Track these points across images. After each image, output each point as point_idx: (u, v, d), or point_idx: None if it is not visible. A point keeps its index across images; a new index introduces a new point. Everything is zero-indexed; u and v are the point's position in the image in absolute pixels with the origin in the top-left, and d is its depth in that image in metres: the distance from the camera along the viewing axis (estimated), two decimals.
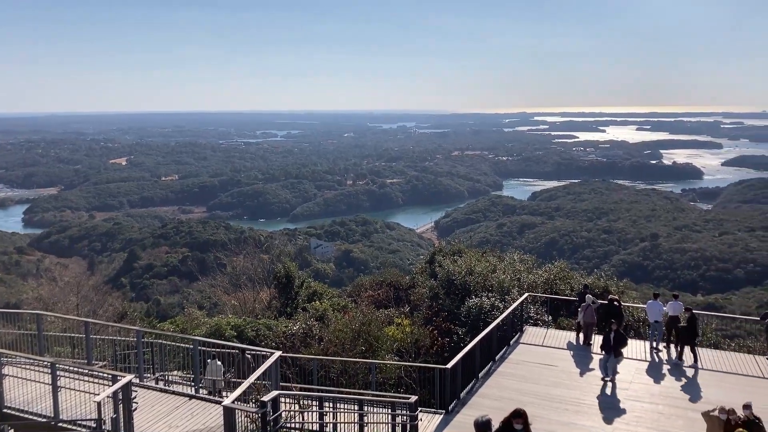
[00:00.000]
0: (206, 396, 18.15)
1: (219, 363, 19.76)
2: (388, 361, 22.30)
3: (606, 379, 19.62)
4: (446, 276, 30.04)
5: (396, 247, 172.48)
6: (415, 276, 35.21)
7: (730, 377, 20.52)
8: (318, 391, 19.06)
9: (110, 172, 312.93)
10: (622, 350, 19.68)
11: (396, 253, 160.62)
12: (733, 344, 27.26)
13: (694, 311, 22.13)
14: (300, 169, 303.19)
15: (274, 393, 14.47)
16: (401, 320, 26.45)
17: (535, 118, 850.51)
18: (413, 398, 15.35)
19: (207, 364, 19.76)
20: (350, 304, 31.29)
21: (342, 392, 18.74)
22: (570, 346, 23.24)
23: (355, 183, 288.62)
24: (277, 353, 17.34)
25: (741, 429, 12.01)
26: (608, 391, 19.19)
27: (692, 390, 19.29)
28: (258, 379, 15.79)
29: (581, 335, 23.44)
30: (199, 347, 19.07)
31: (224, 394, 18.79)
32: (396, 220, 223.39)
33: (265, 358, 17.08)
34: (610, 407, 17.92)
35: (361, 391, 19.66)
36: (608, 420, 17.08)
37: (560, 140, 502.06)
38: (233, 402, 14.42)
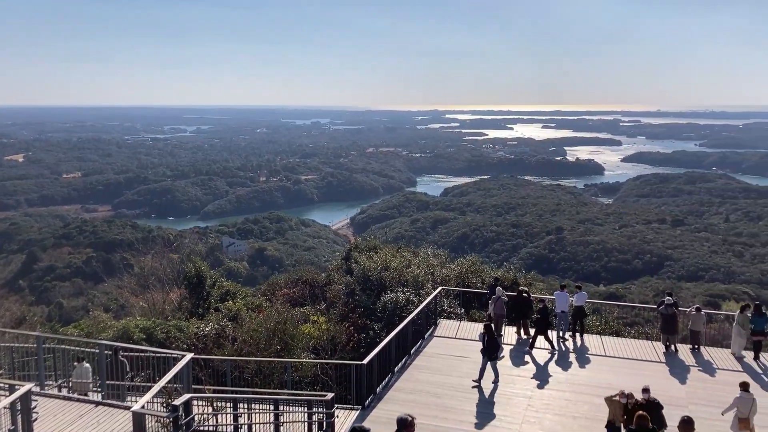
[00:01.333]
0: (115, 402, 17.42)
1: (87, 365, 18.92)
2: (304, 360, 22.15)
3: (475, 382, 19.17)
4: (362, 272, 30.17)
5: (311, 244, 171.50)
6: (330, 273, 35.15)
7: (630, 363, 21.68)
8: (232, 392, 18.69)
9: (5, 170, 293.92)
10: (498, 354, 19.55)
11: (311, 251, 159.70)
12: (633, 331, 28.79)
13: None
14: (211, 166, 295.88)
15: (186, 396, 14.06)
16: (317, 318, 26.33)
17: (447, 115, 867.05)
18: (330, 395, 15.32)
19: (74, 367, 18.90)
20: (265, 303, 30.82)
21: (257, 392, 18.45)
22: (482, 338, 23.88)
23: (268, 179, 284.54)
24: (189, 355, 16.87)
25: (640, 411, 12.71)
26: (518, 381, 19.85)
27: (596, 376, 20.24)
28: (169, 382, 15.30)
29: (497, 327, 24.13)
30: (105, 351, 18.25)
31: (91, 396, 18.15)
32: (311, 216, 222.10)
33: (176, 360, 16.58)
34: (520, 396, 18.54)
35: (277, 390, 19.44)
36: (519, 408, 17.68)
37: (471, 137, 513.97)
38: (143, 407, 13.93)
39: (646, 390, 14.80)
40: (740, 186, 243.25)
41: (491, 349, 19.30)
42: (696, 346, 22.83)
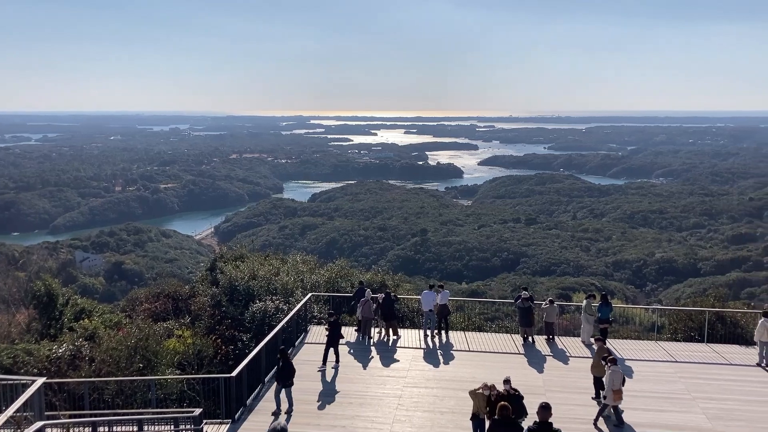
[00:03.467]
0: None
1: None
2: (169, 376, 21.24)
3: (276, 411, 17.79)
4: (228, 282, 29.40)
5: (174, 256, 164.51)
6: (195, 285, 33.90)
7: (492, 356, 22.81)
8: (90, 415, 17.54)
9: None
10: (292, 379, 17.85)
11: (174, 262, 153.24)
12: (494, 326, 30.31)
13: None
14: (60, 176, 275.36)
15: (39, 424, 13.06)
16: (182, 332, 25.35)
17: (312, 121, 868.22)
18: (197, 411, 14.84)
19: None
20: (124, 320, 29.17)
21: (118, 414, 17.46)
22: (351, 342, 24.15)
23: (124, 189, 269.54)
24: (40, 380, 15.66)
25: (503, 402, 13.38)
26: (388, 382, 20.26)
27: (461, 371, 21.11)
28: (18, 411, 14.10)
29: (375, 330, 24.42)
30: None
31: None
32: (172, 227, 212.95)
33: (26, 387, 15.31)
34: (390, 396, 18.93)
35: (141, 410, 18.51)
36: (390, 408, 18.05)
37: (336, 143, 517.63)
38: None
39: (507, 381, 15.66)
40: (585, 185, 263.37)
41: (284, 375, 17.72)
42: (551, 337, 24.44)
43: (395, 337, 24.39)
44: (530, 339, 24.11)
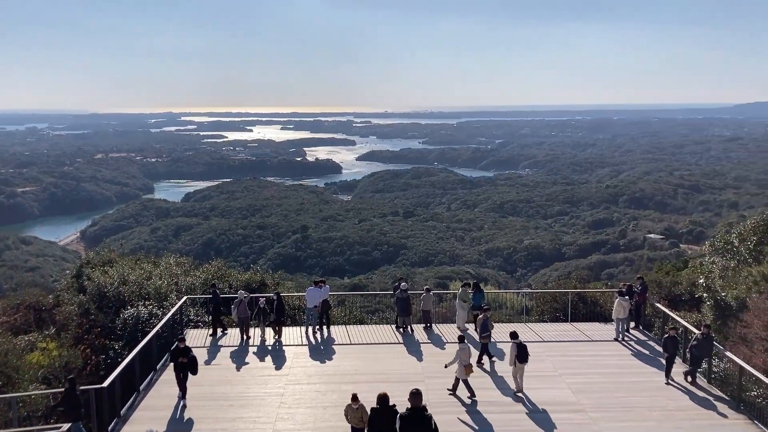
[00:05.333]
0: None
1: None
2: (33, 392, 19.86)
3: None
4: (97, 289, 27.86)
5: (35, 264, 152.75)
6: (60, 293, 31.83)
7: (373, 348, 23.24)
8: None
9: None
10: (80, 412, 15.90)
11: (36, 271, 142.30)
12: (375, 318, 30.88)
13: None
14: None
15: None
16: (46, 344, 23.77)
17: (183, 118, 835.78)
18: (65, 426, 14.03)
19: None
20: None
21: None
22: (230, 343, 23.72)
23: None
24: None
25: (382, 392, 13.58)
26: (270, 381, 20.11)
27: (343, 365, 21.33)
28: None
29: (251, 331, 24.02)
30: None
31: None
32: (33, 233, 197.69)
33: None
34: (273, 395, 18.81)
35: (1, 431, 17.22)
36: (272, 407, 17.93)
37: (210, 140, 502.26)
38: None
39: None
40: (458, 178, 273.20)
41: (71, 408, 15.78)
42: (428, 325, 25.25)
43: (277, 338, 24.15)
44: (409, 329, 24.78)
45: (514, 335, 19.06)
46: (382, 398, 13.05)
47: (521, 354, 18.59)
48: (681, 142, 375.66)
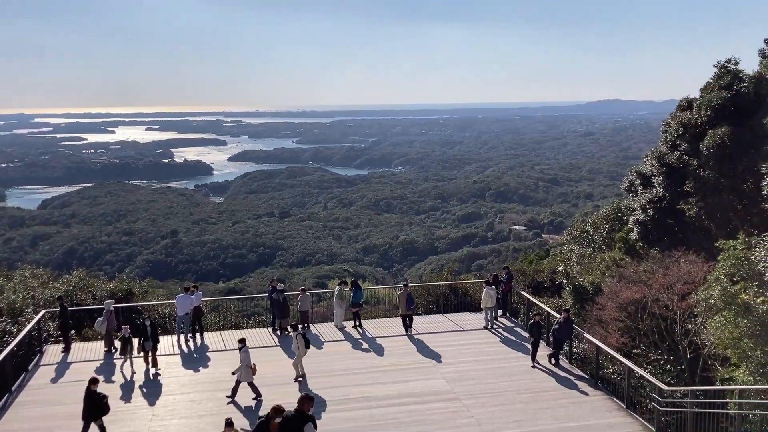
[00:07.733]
0: None
1: None
2: None
3: None
4: None
5: None
6: None
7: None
8: None
9: None
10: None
11: None
12: (251, 321, 30.32)
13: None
14: None
15: None
16: None
17: (36, 119, 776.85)
18: None
19: None
20: None
21: None
22: (99, 356, 22.42)
23: None
24: None
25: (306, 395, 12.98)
26: (140, 393, 19.20)
27: (217, 372, 20.69)
28: None
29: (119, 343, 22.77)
30: None
31: None
32: None
33: None
34: (144, 408, 17.96)
35: None
36: (144, 421, 17.11)
37: (68, 143, 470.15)
38: None
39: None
40: (333, 177, 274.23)
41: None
42: (305, 325, 25.12)
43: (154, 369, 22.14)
44: (286, 331, 24.54)
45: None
46: (303, 401, 12.37)
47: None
48: (540, 138, 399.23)
